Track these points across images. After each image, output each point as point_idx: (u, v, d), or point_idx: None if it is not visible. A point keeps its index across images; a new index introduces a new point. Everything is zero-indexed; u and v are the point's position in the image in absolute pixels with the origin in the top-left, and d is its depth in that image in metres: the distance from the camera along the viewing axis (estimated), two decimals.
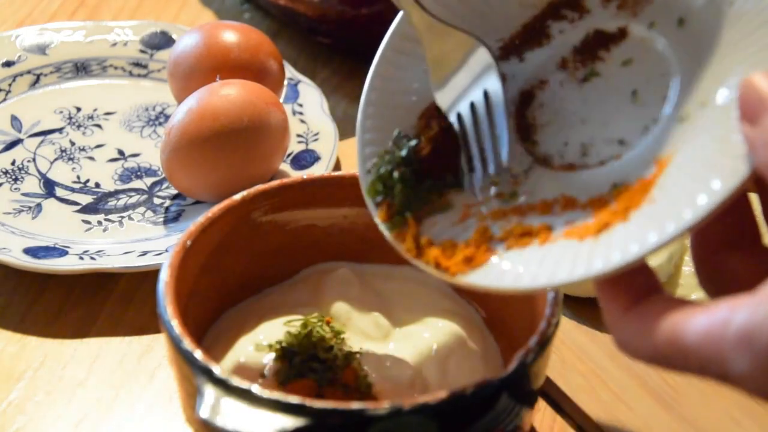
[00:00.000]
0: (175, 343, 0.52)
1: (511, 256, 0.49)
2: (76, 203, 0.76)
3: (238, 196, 0.61)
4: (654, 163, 0.48)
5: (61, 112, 0.83)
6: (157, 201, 0.76)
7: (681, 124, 0.48)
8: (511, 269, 0.49)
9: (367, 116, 0.55)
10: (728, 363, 0.38)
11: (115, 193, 0.77)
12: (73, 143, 0.81)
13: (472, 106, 0.52)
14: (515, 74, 0.55)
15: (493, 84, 0.52)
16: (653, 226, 0.45)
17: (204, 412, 0.49)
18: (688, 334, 0.40)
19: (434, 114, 0.54)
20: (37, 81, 0.85)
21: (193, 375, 0.51)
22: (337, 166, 0.80)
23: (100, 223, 0.74)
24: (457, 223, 0.52)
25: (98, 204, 0.76)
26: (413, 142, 0.53)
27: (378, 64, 0.56)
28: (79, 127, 0.82)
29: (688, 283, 0.68)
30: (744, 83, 0.41)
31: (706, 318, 0.40)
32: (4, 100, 0.84)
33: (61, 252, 0.70)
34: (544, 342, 0.53)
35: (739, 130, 0.42)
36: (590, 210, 0.49)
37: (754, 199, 0.48)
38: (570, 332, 0.66)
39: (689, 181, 0.45)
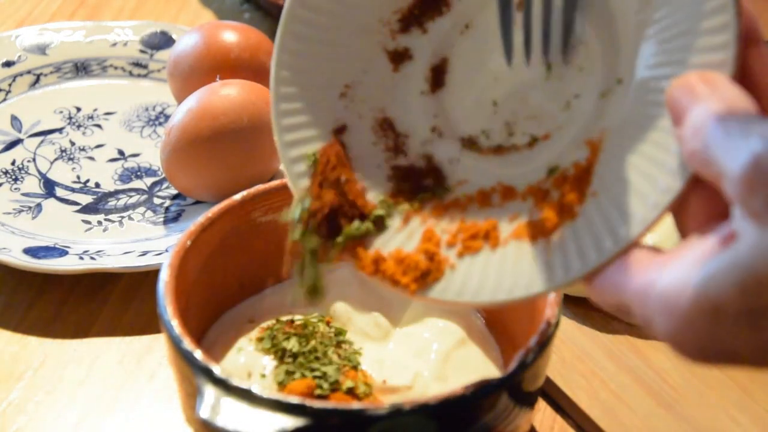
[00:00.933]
0: (175, 343, 0.52)
1: (465, 266, 0.48)
2: (76, 203, 0.76)
3: (238, 196, 0.61)
4: (585, 144, 0.47)
5: (61, 112, 0.83)
6: (157, 201, 0.76)
7: (603, 100, 0.47)
8: (469, 282, 0.48)
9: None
10: (654, 324, 0.40)
11: (115, 193, 0.77)
12: (73, 143, 0.81)
13: None
14: (422, 47, 0.53)
15: None
16: (606, 230, 0.44)
17: (204, 412, 0.49)
18: (626, 291, 0.42)
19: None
20: (37, 81, 0.85)
21: (193, 375, 0.51)
22: None
23: (100, 223, 0.74)
24: (401, 228, 0.50)
25: (98, 204, 0.76)
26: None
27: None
28: (79, 127, 0.82)
29: None
30: (670, 87, 0.43)
31: (640, 278, 0.42)
32: (4, 100, 0.84)
33: (61, 252, 0.70)
34: (544, 342, 0.53)
35: (666, 119, 0.43)
36: (531, 201, 0.48)
37: None
38: (570, 332, 0.66)
39: (634, 175, 0.44)
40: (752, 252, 0.38)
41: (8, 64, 0.85)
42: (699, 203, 0.43)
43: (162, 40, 0.88)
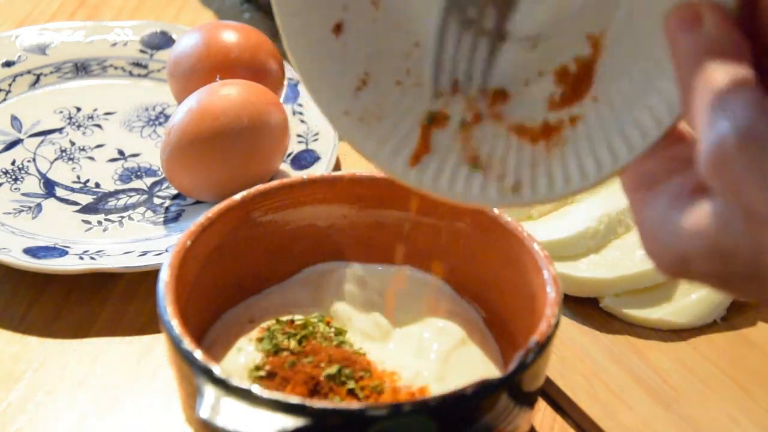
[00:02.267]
0: (175, 343, 0.52)
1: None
2: (76, 203, 0.76)
3: (238, 196, 0.61)
4: (587, 40, 0.47)
5: (61, 112, 0.83)
6: (157, 201, 0.76)
7: None
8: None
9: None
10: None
11: (115, 193, 0.77)
12: (73, 143, 0.81)
13: None
14: None
15: None
16: (605, 145, 0.45)
17: (204, 412, 0.49)
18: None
19: None
20: (37, 81, 0.85)
21: (193, 375, 0.51)
22: (337, 166, 0.80)
23: (100, 223, 0.74)
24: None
25: (98, 204, 0.76)
26: None
27: None
28: (79, 127, 0.82)
29: (688, 283, 0.68)
30: (665, 22, 0.42)
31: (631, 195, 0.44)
32: (4, 100, 0.84)
33: (61, 252, 0.70)
34: (544, 342, 0.53)
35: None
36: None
37: None
38: (570, 332, 0.66)
39: (630, 91, 0.44)
40: (717, 223, 0.39)
41: (8, 64, 0.85)
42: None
43: (162, 40, 0.88)
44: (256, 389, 0.49)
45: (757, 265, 0.39)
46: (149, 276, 0.68)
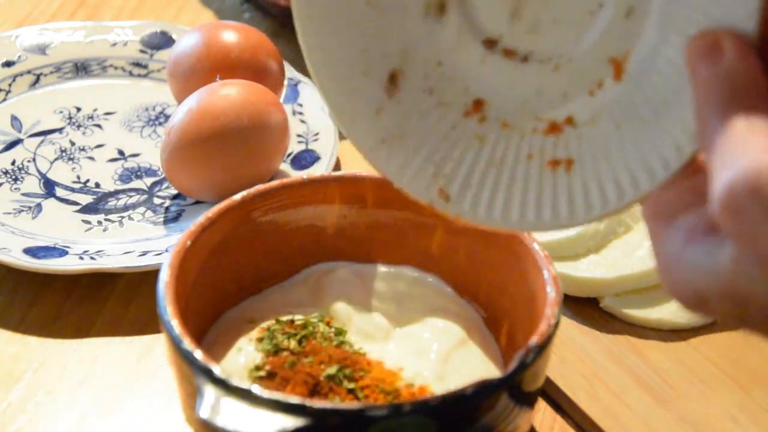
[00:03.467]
0: (175, 343, 0.52)
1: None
2: (76, 203, 0.76)
3: (238, 196, 0.61)
4: (609, 62, 0.47)
5: (61, 112, 0.83)
6: (157, 201, 0.76)
7: (627, 20, 0.46)
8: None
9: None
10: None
11: (115, 193, 0.77)
12: (73, 143, 0.81)
13: None
14: None
15: None
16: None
17: (204, 412, 0.49)
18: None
19: None
20: (37, 81, 0.85)
21: (193, 375, 0.51)
22: (337, 166, 0.80)
23: (100, 223, 0.74)
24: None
25: (98, 204, 0.76)
26: None
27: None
28: (79, 127, 0.82)
29: None
30: (685, 54, 0.41)
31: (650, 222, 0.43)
32: (4, 100, 0.84)
33: (61, 252, 0.70)
34: (544, 342, 0.53)
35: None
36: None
37: None
38: (570, 332, 0.66)
39: (652, 119, 0.44)
40: (732, 267, 0.38)
41: (8, 64, 0.85)
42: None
43: (162, 40, 0.88)
44: (256, 389, 0.49)
45: None
46: (149, 276, 0.68)
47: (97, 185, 0.77)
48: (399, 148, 0.50)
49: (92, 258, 0.69)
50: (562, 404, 0.63)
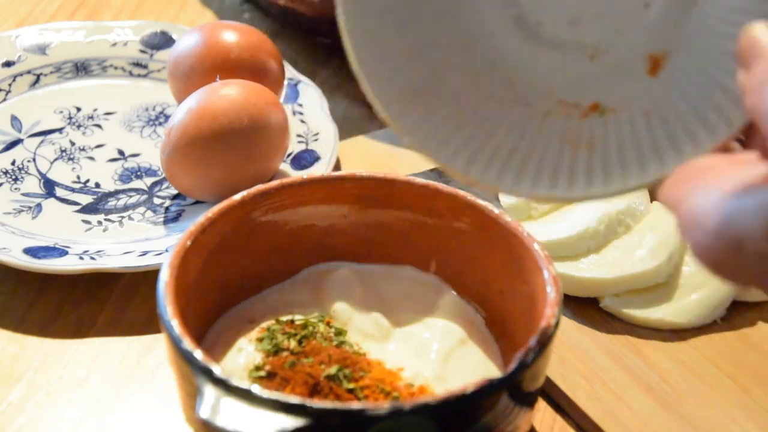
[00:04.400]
0: (175, 343, 0.53)
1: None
2: (76, 203, 0.76)
3: (238, 196, 0.61)
4: (648, 58, 0.48)
5: (61, 112, 0.83)
6: (157, 201, 0.76)
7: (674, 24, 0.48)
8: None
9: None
10: (683, 233, 0.42)
11: (115, 193, 0.77)
12: (73, 143, 0.81)
13: None
14: None
15: None
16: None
17: (204, 412, 0.49)
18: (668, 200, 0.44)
19: None
20: (37, 81, 0.85)
21: (193, 375, 0.51)
22: (337, 166, 0.80)
23: (100, 223, 0.74)
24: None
25: (98, 204, 0.76)
26: None
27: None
28: (79, 127, 0.82)
29: (688, 283, 0.68)
30: (743, 32, 0.43)
31: (678, 190, 0.43)
32: (4, 100, 0.84)
33: (61, 252, 0.70)
34: (544, 342, 0.53)
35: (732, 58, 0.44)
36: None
37: None
38: (570, 332, 0.66)
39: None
40: None
41: (8, 64, 0.85)
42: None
43: (162, 40, 0.88)
44: (256, 389, 0.49)
45: None
46: (149, 276, 0.68)
47: (97, 185, 0.77)
48: (427, 106, 0.51)
49: (92, 258, 0.69)
50: (562, 404, 0.63)
